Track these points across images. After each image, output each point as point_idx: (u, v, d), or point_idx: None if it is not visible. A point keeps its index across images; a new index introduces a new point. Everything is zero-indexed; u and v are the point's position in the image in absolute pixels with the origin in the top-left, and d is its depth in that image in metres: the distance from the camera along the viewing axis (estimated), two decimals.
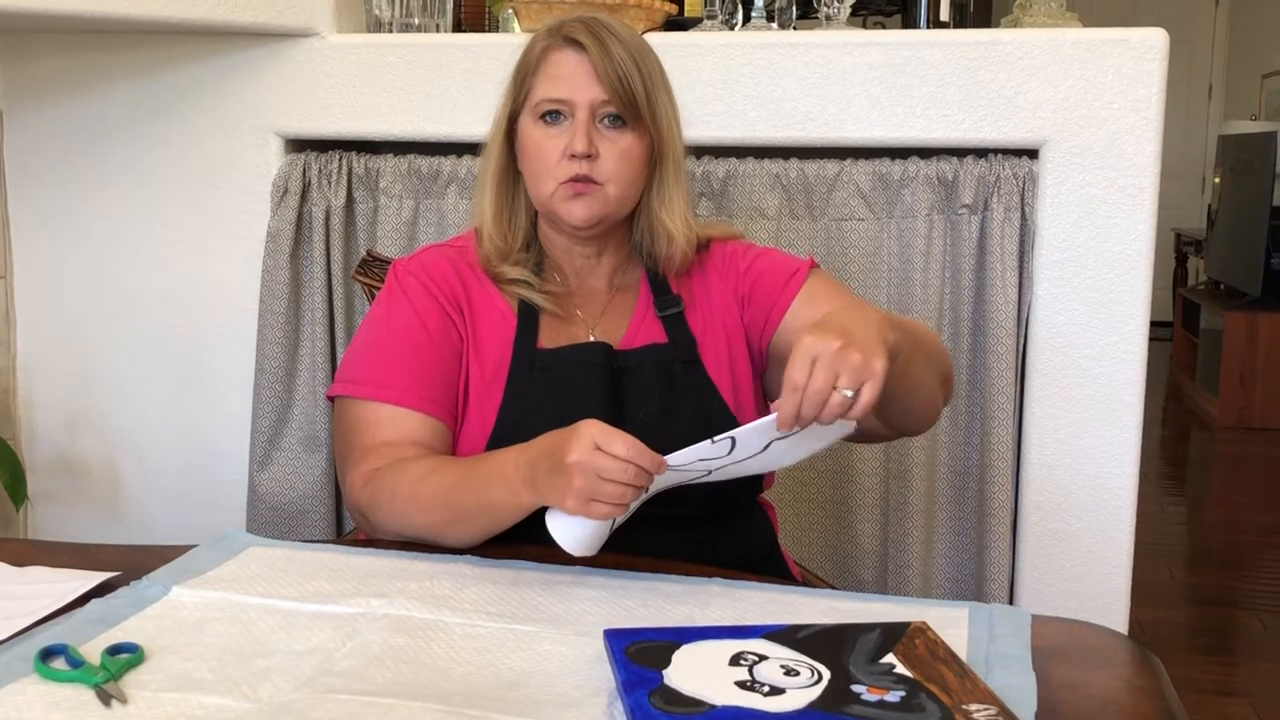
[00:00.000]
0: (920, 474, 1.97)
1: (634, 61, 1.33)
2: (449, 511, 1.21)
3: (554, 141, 1.33)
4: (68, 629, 1.00)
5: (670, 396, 1.36)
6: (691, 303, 1.43)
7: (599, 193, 1.34)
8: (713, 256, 1.47)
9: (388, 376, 1.33)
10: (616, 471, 1.06)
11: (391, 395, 1.32)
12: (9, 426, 2.31)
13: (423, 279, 1.38)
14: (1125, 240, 1.88)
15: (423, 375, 1.33)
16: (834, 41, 1.93)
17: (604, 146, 1.33)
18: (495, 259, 1.39)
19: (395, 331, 1.36)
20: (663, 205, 1.39)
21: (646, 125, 1.35)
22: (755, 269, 1.44)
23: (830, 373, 1.05)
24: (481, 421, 1.34)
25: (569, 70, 1.33)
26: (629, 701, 0.84)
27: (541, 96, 1.34)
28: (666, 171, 1.38)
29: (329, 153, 2.10)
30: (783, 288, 1.42)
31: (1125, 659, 1.02)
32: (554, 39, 1.35)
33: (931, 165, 1.93)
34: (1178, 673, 1.32)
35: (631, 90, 1.32)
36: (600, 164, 1.33)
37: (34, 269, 2.29)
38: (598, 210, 1.34)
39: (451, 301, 1.37)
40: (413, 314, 1.36)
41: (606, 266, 1.43)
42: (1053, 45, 1.86)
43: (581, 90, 1.32)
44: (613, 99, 1.32)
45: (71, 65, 2.21)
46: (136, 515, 2.31)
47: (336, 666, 0.93)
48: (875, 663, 0.91)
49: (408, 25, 2.12)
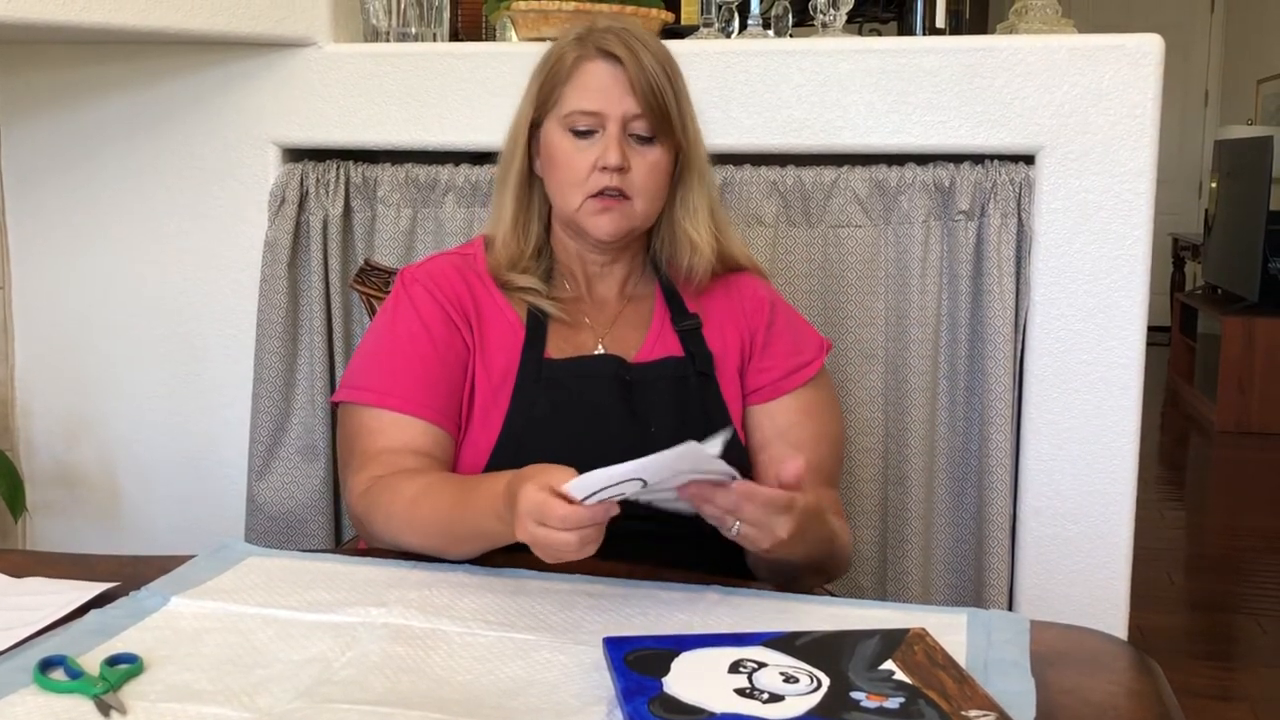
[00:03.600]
0: (919, 480, 1.97)
1: (665, 73, 1.33)
2: (445, 537, 1.20)
3: (584, 154, 1.32)
4: (66, 640, 1.00)
5: (683, 411, 1.36)
6: (709, 320, 1.43)
7: (627, 207, 1.33)
8: (740, 285, 1.46)
9: (391, 383, 1.33)
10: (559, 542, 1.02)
11: (394, 402, 1.32)
12: (7, 437, 2.31)
13: (429, 287, 1.38)
14: (1122, 245, 1.88)
15: (426, 383, 1.33)
16: (830, 49, 1.93)
17: (634, 160, 1.32)
18: (506, 266, 1.38)
19: (400, 339, 1.36)
20: (687, 215, 1.39)
21: (675, 137, 1.34)
22: (773, 332, 1.44)
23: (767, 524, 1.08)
24: (486, 430, 1.33)
25: (602, 82, 1.32)
26: (628, 709, 0.84)
27: (573, 107, 1.33)
28: (692, 181, 1.38)
29: (326, 162, 2.10)
30: (784, 377, 1.42)
31: (1124, 664, 1.02)
32: (586, 49, 1.33)
33: (928, 171, 1.93)
34: (1177, 678, 1.32)
35: (664, 103, 1.32)
36: (630, 178, 1.32)
37: (32, 279, 2.29)
38: (625, 225, 1.34)
39: (458, 310, 1.37)
40: (418, 321, 1.36)
41: (618, 275, 1.43)
42: (1048, 51, 1.86)
43: (615, 103, 1.31)
44: (645, 112, 1.31)
45: (69, 76, 2.21)
46: (135, 525, 2.30)
47: (335, 676, 0.93)
48: (874, 669, 0.91)
49: (405, 35, 2.12)
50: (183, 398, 2.24)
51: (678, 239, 1.39)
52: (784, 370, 1.42)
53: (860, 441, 1.99)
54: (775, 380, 1.41)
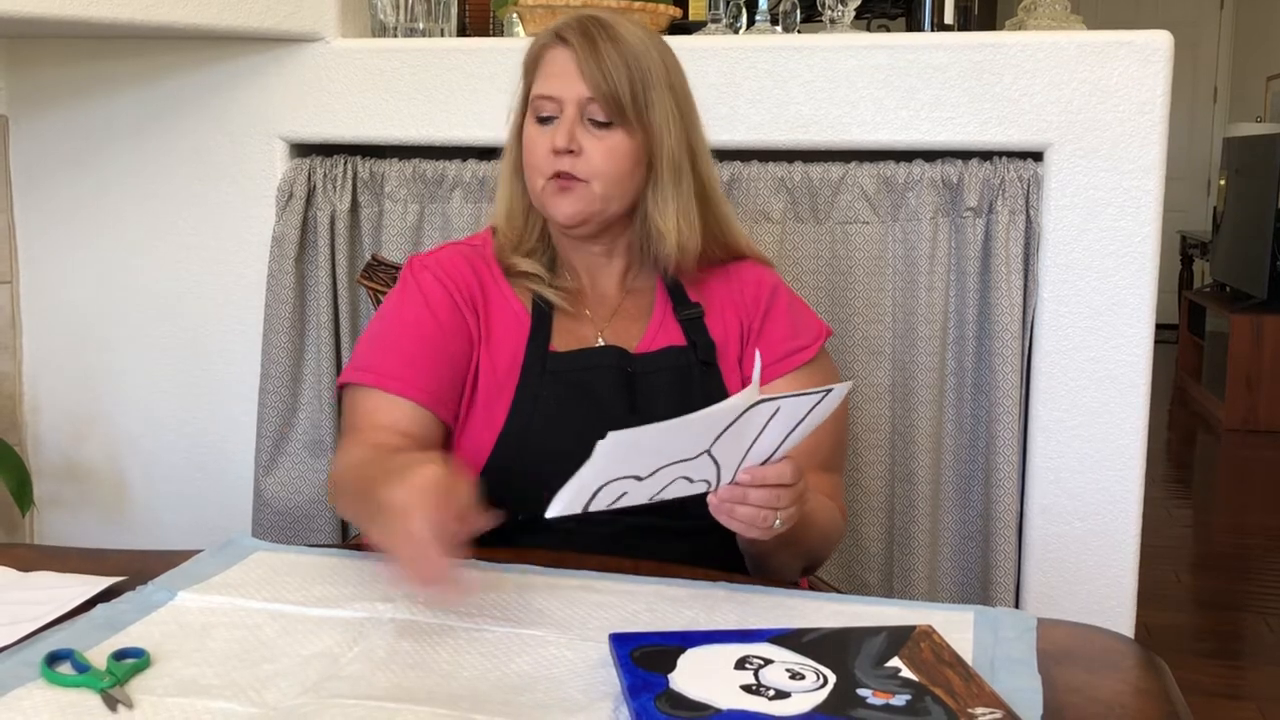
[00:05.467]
0: (926, 477, 1.97)
1: (625, 61, 1.32)
2: (356, 505, 1.19)
3: (544, 138, 1.34)
4: (73, 634, 1.00)
5: (686, 402, 1.36)
6: (711, 309, 1.43)
7: (583, 190, 1.34)
8: (743, 272, 1.47)
9: (390, 366, 1.34)
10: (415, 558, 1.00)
11: (391, 384, 1.32)
12: (15, 432, 2.31)
13: (438, 274, 1.39)
14: (1130, 243, 1.87)
15: (426, 368, 1.33)
16: (838, 45, 1.93)
17: (589, 143, 1.33)
18: (510, 249, 1.41)
19: (404, 322, 1.37)
20: (655, 207, 1.38)
21: (634, 125, 1.35)
22: (770, 316, 1.44)
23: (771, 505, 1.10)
24: (490, 422, 1.34)
25: (559, 68, 1.34)
26: (634, 706, 0.84)
27: (536, 93, 1.36)
28: (661, 172, 1.38)
29: (334, 157, 2.10)
30: (778, 360, 1.42)
31: (1131, 662, 1.02)
32: (550, 37, 1.37)
33: (936, 168, 1.93)
34: (1184, 676, 1.32)
35: (616, 89, 1.32)
36: (584, 161, 1.33)
37: (40, 274, 2.29)
38: (582, 207, 1.34)
39: (466, 298, 1.38)
40: (424, 306, 1.37)
41: (617, 268, 1.43)
42: (1057, 48, 1.86)
43: (568, 88, 1.33)
44: (597, 97, 1.32)
45: (77, 71, 2.22)
46: (142, 520, 2.31)
47: (342, 671, 0.94)
48: (881, 666, 0.91)
49: (412, 30, 2.12)
50: (190, 393, 2.25)
51: (649, 230, 1.39)
52: (779, 354, 1.42)
53: (867, 438, 1.99)
54: (769, 364, 1.40)
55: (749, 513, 1.10)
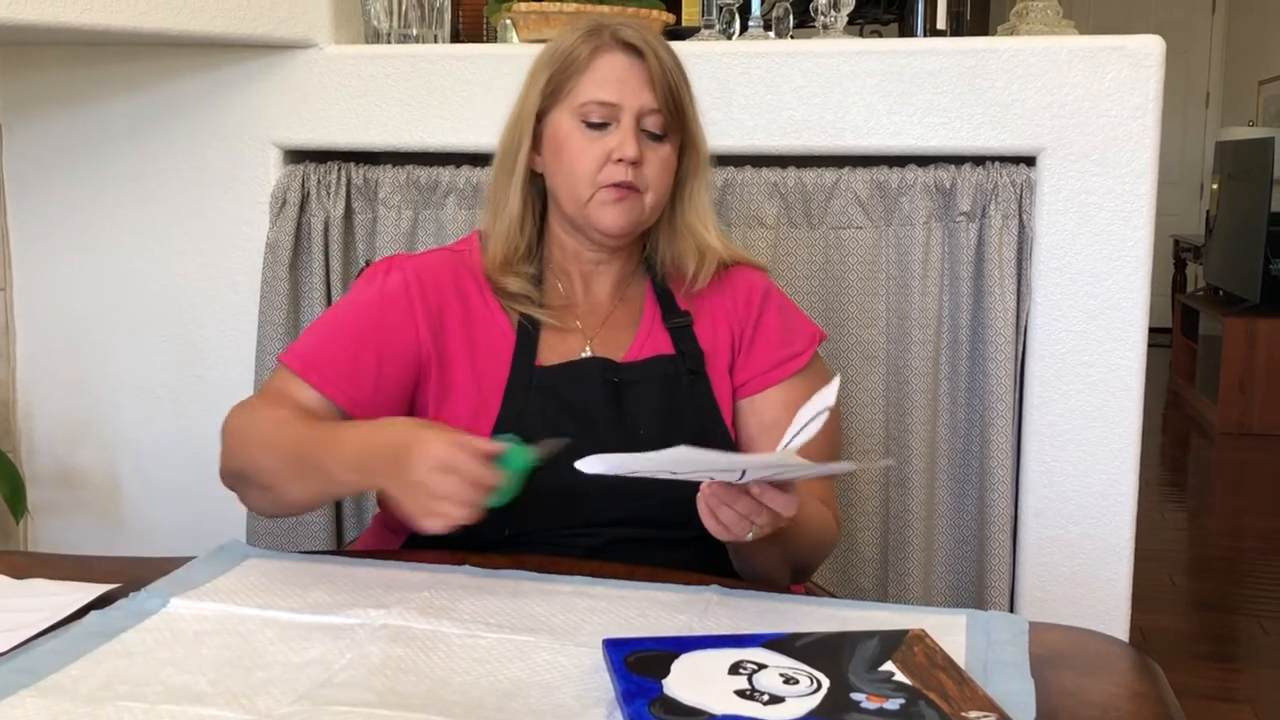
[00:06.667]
0: (920, 481, 1.97)
1: (679, 71, 1.33)
2: (293, 465, 1.21)
3: (596, 145, 1.30)
4: (66, 642, 1.00)
5: (674, 412, 1.35)
6: (701, 317, 1.41)
7: (638, 200, 1.32)
8: (735, 279, 1.44)
9: (318, 359, 1.32)
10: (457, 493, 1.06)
11: (312, 378, 1.30)
12: (8, 439, 2.31)
13: (409, 278, 1.35)
14: (1123, 247, 1.88)
15: (350, 366, 1.31)
16: (831, 50, 1.93)
17: (646, 154, 1.31)
18: (500, 263, 1.36)
19: (344, 322, 1.35)
20: (698, 218, 1.38)
21: (685, 136, 1.34)
22: (761, 323, 1.42)
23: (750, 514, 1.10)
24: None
25: (620, 74, 1.30)
26: (628, 711, 0.84)
27: (589, 98, 1.31)
28: (701, 183, 1.38)
29: (328, 163, 2.10)
30: (771, 369, 1.40)
31: (1126, 665, 1.02)
32: (604, 40, 1.32)
33: (929, 173, 1.93)
34: (1178, 679, 1.32)
35: (679, 99, 1.32)
36: (642, 172, 1.31)
37: (33, 281, 2.29)
38: (635, 218, 1.33)
39: (433, 307, 1.35)
40: (375, 306, 1.34)
41: (614, 275, 1.41)
42: (1049, 53, 1.86)
43: (632, 95, 1.30)
44: (662, 107, 1.31)
45: (70, 78, 2.21)
46: (136, 526, 2.30)
47: (336, 678, 0.93)
48: (874, 671, 0.91)
49: (406, 36, 2.12)
50: (184, 399, 2.24)
51: (683, 240, 1.38)
52: (771, 362, 1.40)
53: (861, 443, 1.99)
54: (762, 372, 1.39)
55: (731, 517, 1.09)
